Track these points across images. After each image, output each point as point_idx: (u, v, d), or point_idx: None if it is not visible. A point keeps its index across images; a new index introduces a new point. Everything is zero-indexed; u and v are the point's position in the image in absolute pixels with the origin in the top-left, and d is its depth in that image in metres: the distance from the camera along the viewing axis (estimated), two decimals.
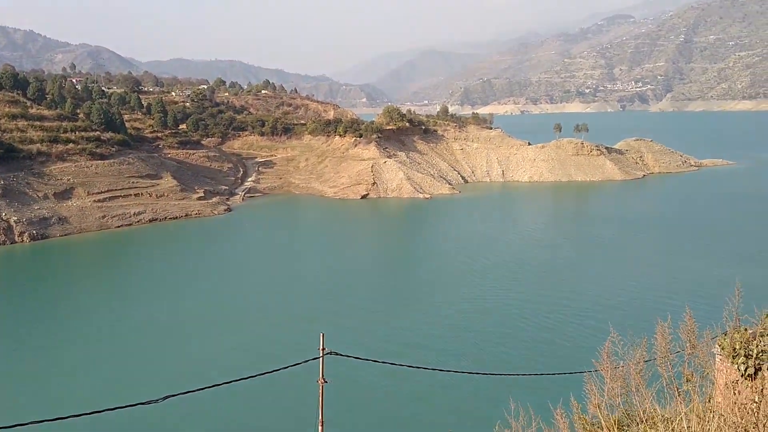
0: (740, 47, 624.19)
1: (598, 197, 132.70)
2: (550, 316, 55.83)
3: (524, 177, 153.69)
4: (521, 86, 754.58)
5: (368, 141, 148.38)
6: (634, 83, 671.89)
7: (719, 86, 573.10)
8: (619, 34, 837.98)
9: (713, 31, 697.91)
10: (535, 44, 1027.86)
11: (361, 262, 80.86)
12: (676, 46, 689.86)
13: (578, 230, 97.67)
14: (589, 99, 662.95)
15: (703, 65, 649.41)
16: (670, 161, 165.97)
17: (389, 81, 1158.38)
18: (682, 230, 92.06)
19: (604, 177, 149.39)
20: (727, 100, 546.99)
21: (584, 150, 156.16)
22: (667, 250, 79.56)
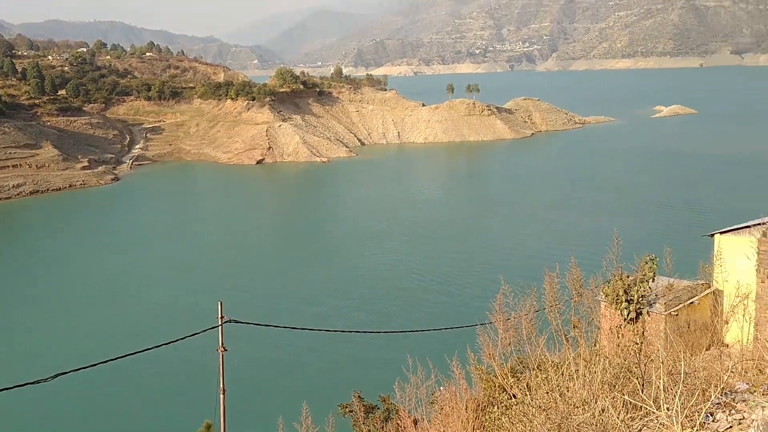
0: (619, 7, 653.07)
1: (490, 156, 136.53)
2: (447, 273, 57.34)
3: (419, 138, 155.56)
4: (414, 47, 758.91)
5: (261, 104, 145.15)
6: (521, 43, 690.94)
7: (600, 45, 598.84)
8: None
9: None
10: (426, 4, 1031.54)
11: (260, 229, 79.73)
12: (560, 7, 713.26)
13: (472, 188, 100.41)
14: (480, 59, 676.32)
15: (586, 25, 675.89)
16: (556, 119, 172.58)
17: (281, 42, 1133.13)
18: (568, 185, 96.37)
19: (495, 136, 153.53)
20: (608, 59, 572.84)
21: (476, 110, 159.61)
22: (554, 205, 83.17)
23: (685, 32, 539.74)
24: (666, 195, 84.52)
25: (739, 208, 33.88)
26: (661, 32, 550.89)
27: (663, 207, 77.69)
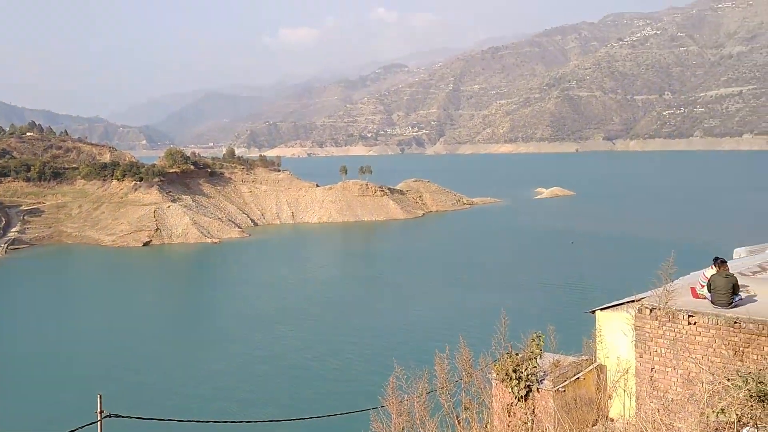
0: (501, 96, 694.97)
1: (384, 235, 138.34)
2: (340, 356, 56.48)
3: (314, 218, 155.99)
4: (307, 129, 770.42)
5: (150, 185, 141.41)
6: (411, 128, 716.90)
7: (485, 131, 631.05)
8: (396, 82, 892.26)
9: (477, 81, 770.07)
10: (318, 89, 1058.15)
11: (145, 315, 75.92)
12: (446, 95, 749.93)
13: (366, 268, 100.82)
14: (372, 142, 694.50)
15: (470, 112, 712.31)
16: (445, 200, 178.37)
17: (172, 123, 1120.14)
18: (457, 264, 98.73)
19: (388, 216, 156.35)
20: (492, 144, 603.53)
21: (369, 191, 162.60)
22: (444, 284, 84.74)
23: (561, 120, 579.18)
24: (549, 273, 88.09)
25: (617, 284, 35.78)
26: (539, 119, 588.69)
27: (546, 285, 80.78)
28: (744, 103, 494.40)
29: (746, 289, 13.74)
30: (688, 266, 18.72)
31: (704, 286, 13.44)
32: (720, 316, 12.36)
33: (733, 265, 16.73)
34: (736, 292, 13.10)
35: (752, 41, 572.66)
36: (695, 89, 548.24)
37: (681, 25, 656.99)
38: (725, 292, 12.87)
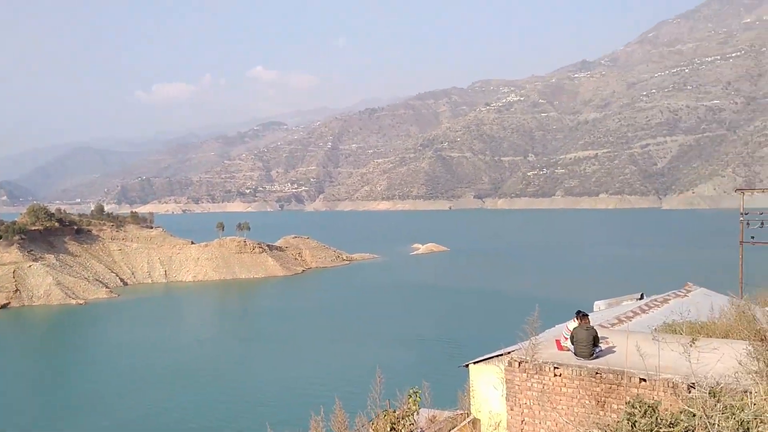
0: (378, 155, 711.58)
1: (262, 293, 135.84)
2: (213, 422, 54.15)
3: (188, 276, 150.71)
4: (182, 185, 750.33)
5: (9, 243, 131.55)
6: (290, 185, 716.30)
7: (363, 188, 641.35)
8: (275, 140, 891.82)
9: (355, 140, 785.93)
10: (195, 145, 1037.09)
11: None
12: (325, 153, 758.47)
13: (242, 327, 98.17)
14: (250, 199, 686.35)
15: (349, 170, 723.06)
16: (325, 256, 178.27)
17: (35, 178, 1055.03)
18: (334, 320, 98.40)
19: (267, 273, 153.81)
20: (370, 201, 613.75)
21: (247, 248, 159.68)
22: (321, 341, 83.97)
23: (435, 179, 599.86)
24: (424, 327, 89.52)
25: (488, 338, 36.80)
26: (414, 178, 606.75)
27: (422, 339, 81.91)
28: (599, 165, 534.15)
29: (605, 341, 14.65)
30: (554, 319, 19.70)
31: (567, 338, 14.21)
32: (583, 368, 13.08)
33: (593, 318, 17.81)
34: (597, 344, 13.94)
35: (605, 108, 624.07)
36: (556, 152, 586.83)
37: (542, 92, 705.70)
38: (587, 344, 13.66)
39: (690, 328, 17.56)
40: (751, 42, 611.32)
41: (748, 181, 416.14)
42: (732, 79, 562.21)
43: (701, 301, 23.55)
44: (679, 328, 16.46)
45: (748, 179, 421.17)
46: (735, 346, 13.44)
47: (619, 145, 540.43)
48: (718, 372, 11.80)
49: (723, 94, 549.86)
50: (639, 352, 12.44)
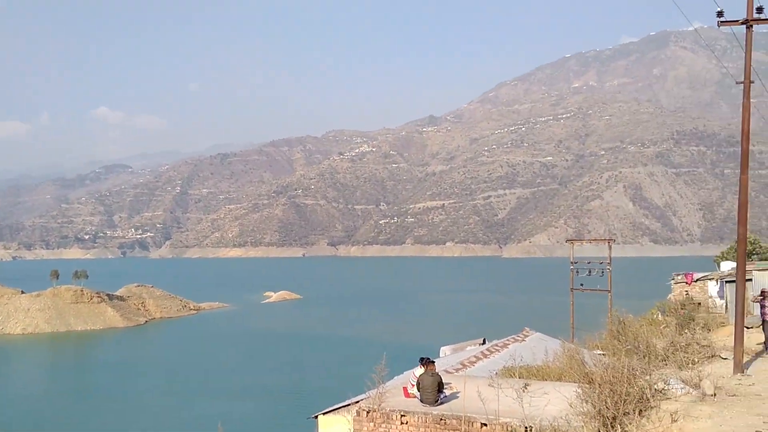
0: (229, 201, 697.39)
1: (99, 346, 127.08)
2: None
3: (17, 329, 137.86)
4: (13, 230, 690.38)
5: None
6: (134, 230, 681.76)
7: (213, 235, 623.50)
8: (118, 183, 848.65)
9: (206, 185, 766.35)
10: (29, 187, 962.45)
11: None
12: (173, 197, 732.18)
13: (75, 382, 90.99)
14: (89, 245, 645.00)
15: (198, 215, 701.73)
16: (171, 306, 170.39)
17: None
18: (178, 372, 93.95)
19: (106, 324, 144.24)
20: (221, 248, 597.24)
21: (84, 297, 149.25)
22: (163, 393, 79.73)
23: (288, 225, 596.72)
24: (273, 378, 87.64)
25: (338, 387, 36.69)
26: (267, 225, 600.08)
27: (269, 391, 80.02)
28: (446, 215, 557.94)
29: (450, 386, 15.13)
30: (403, 365, 20.08)
31: (414, 385, 14.53)
32: (428, 414, 13.40)
33: (439, 363, 18.34)
34: (442, 390, 14.36)
35: (451, 161, 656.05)
36: (406, 201, 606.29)
37: (393, 144, 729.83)
38: (432, 391, 14.04)
39: (527, 372, 18.58)
40: (579, 105, 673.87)
41: (577, 231, 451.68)
42: (563, 138, 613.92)
43: (537, 346, 25.00)
44: (517, 372, 17.35)
45: (577, 230, 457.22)
46: (566, 388, 14.37)
47: (464, 196, 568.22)
48: (551, 414, 12.55)
49: (555, 151, 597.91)
50: (480, 397, 12.97)
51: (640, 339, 20.88)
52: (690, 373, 15.80)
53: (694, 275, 45.41)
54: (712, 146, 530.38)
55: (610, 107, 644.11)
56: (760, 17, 20.04)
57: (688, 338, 21.61)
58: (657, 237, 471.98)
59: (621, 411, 12.16)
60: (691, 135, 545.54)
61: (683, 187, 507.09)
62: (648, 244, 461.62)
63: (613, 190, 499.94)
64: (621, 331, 23.51)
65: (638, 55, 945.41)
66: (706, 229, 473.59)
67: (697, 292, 43.87)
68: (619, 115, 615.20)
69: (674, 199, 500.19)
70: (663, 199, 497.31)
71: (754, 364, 20.36)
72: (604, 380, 12.65)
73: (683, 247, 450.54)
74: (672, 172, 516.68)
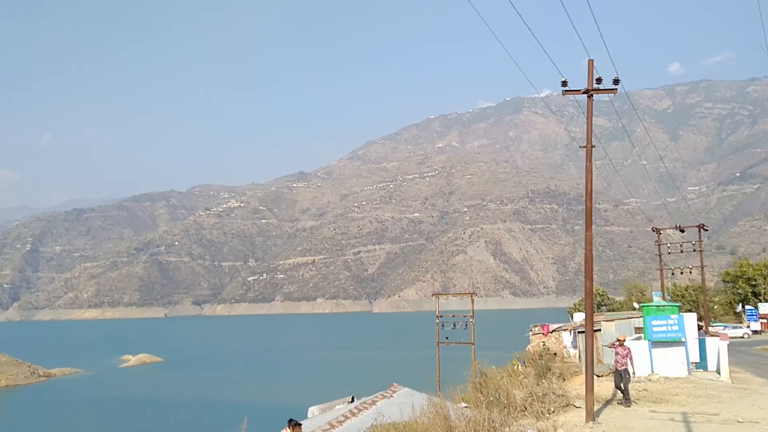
0: (85, 258, 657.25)
1: None
2: None
3: None
4: None
5: None
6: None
7: (67, 295, 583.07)
8: None
9: (59, 242, 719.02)
10: None
11: None
12: (23, 255, 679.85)
13: None
14: None
15: (51, 275, 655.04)
16: (18, 373, 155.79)
17: None
18: None
19: None
20: (75, 309, 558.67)
21: None
22: None
23: (150, 284, 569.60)
24: None
25: None
26: (127, 284, 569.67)
27: None
28: (317, 270, 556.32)
29: None
30: (270, 428, 19.51)
31: None
32: None
33: (307, 424, 18.02)
34: None
35: (321, 217, 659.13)
36: (276, 257, 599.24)
37: (262, 199, 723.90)
38: None
39: (394, 429, 18.64)
40: (443, 164, 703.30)
41: (444, 285, 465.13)
42: (429, 195, 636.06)
43: (405, 401, 25.17)
44: (385, 430, 17.36)
45: (444, 284, 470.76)
46: None
47: (335, 252, 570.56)
48: None
49: (422, 208, 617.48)
50: None
51: (501, 390, 21.62)
52: (546, 423, 16.52)
53: (549, 326, 47.94)
54: (563, 204, 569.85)
55: (471, 167, 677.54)
56: (599, 87, 22.11)
57: (545, 388, 22.63)
58: (516, 290, 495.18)
59: None
60: (544, 194, 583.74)
61: (539, 242, 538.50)
62: (508, 297, 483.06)
63: (475, 245, 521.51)
64: (483, 383, 24.24)
65: (495, 118, 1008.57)
66: (560, 281, 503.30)
67: (553, 343, 46.27)
68: (479, 174, 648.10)
69: (531, 253, 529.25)
70: (521, 253, 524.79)
71: (604, 411, 21.60)
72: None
73: (540, 299, 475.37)
74: (528, 228, 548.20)
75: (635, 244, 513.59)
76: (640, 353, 31.79)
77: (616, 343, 24.47)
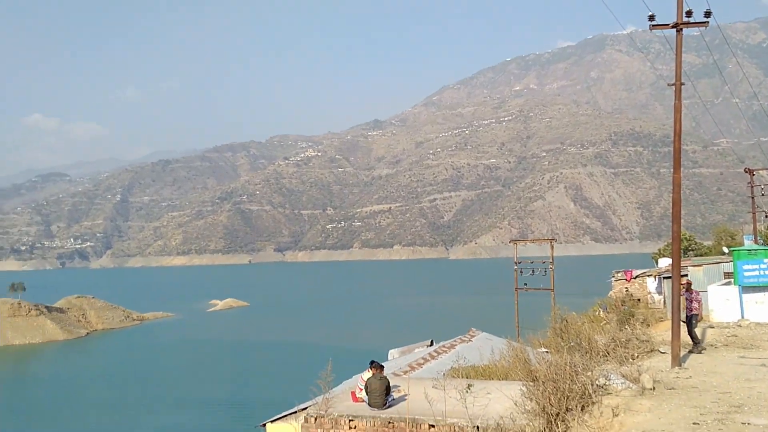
0: (172, 208, 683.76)
1: (38, 360, 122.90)
2: None
3: None
4: None
5: None
6: (73, 240, 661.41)
7: (156, 243, 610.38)
8: (56, 192, 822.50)
9: (147, 192, 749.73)
10: None
11: None
12: (113, 206, 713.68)
13: (10, 397, 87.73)
14: (26, 256, 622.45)
15: (140, 224, 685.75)
16: (113, 317, 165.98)
17: None
18: (119, 384, 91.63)
19: (45, 338, 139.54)
20: (164, 256, 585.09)
21: (22, 310, 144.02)
22: (102, 407, 77.60)
23: (234, 232, 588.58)
24: (218, 387, 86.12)
25: (286, 394, 36.13)
26: (212, 232, 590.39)
27: (214, 401, 78.52)
28: (393, 218, 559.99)
29: (398, 389, 15.16)
30: (351, 370, 20.02)
31: (362, 389, 14.51)
32: (376, 418, 13.40)
33: (388, 366, 18.35)
34: (389, 393, 14.37)
35: (397, 165, 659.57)
36: (353, 205, 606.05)
37: (338, 148, 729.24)
38: (380, 394, 14.03)
39: (474, 372, 18.78)
40: (520, 107, 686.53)
41: (521, 232, 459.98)
42: (505, 140, 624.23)
43: (483, 345, 25.31)
44: (464, 372, 17.51)
45: (521, 231, 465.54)
46: (511, 387, 14.58)
47: (410, 200, 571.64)
48: (498, 412, 12.70)
49: (498, 153, 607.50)
50: (427, 399, 13.04)
51: (582, 336, 21.36)
52: (630, 368, 16.23)
53: (633, 272, 46.76)
54: (648, 146, 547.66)
55: (550, 110, 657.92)
56: (690, 21, 20.77)
57: (628, 334, 22.20)
58: (597, 235, 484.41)
59: (564, 407, 12.39)
60: (628, 136, 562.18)
61: (621, 186, 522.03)
62: (589, 243, 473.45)
63: (554, 191, 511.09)
64: (564, 328, 24.00)
65: (576, 58, 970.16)
66: (644, 227, 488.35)
67: (636, 289, 45.19)
68: (558, 117, 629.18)
69: (613, 198, 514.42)
70: (602, 198, 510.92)
71: (690, 357, 21.07)
72: (548, 377, 12.86)
73: (623, 245, 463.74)
74: (610, 172, 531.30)
75: (725, 186, 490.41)
76: (730, 298, 30.84)
77: (684, 290, 23.15)
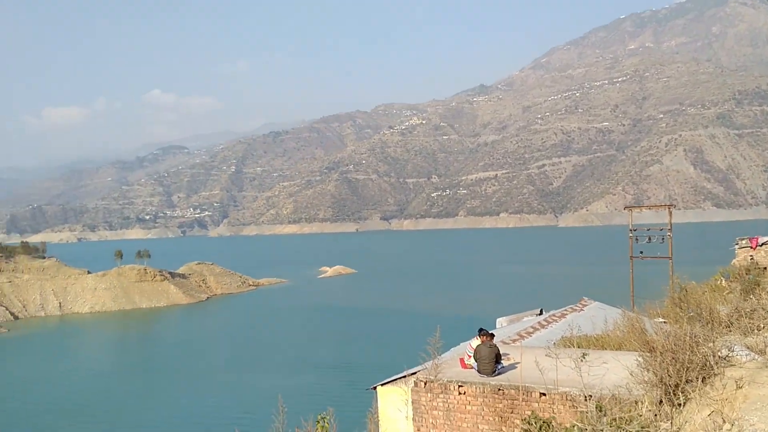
0: (283, 178, 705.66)
1: (164, 323, 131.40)
2: None
3: (85, 308, 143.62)
4: (77, 213, 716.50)
5: None
6: (192, 210, 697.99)
7: (268, 212, 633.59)
8: (175, 164, 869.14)
9: (260, 163, 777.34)
10: (90, 170, 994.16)
11: None
12: (229, 176, 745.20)
13: (143, 358, 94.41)
14: (150, 225, 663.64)
15: (254, 193, 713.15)
16: (231, 282, 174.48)
17: None
18: (239, 347, 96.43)
19: (169, 302, 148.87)
20: (276, 225, 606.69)
21: (148, 276, 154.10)
22: (225, 368, 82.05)
23: (341, 201, 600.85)
24: (330, 352, 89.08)
25: (395, 359, 36.76)
26: (321, 201, 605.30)
27: (326, 364, 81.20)
28: (499, 185, 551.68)
29: (507, 357, 15.04)
30: (459, 337, 20.04)
31: (471, 356, 14.49)
32: (486, 385, 13.36)
33: (496, 334, 18.23)
34: (499, 361, 14.27)
35: (503, 131, 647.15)
36: (458, 173, 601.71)
37: (443, 115, 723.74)
38: (489, 361, 13.96)
39: (586, 342, 18.33)
40: (635, 67, 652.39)
41: (636, 198, 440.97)
42: (619, 102, 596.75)
43: (596, 315, 24.60)
44: (576, 341, 17.14)
45: (636, 197, 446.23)
46: (627, 357, 14.12)
47: (517, 166, 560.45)
48: (613, 383, 12.35)
49: (611, 116, 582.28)
50: (538, 367, 12.85)
51: (703, 306, 20.30)
52: (755, 339, 15.30)
53: (759, 239, 43.81)
54: None
55: (667, 69, 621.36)
56: None
57: (753, 304, 20.89)
58: (720, 201, 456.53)
59: (684, 379, 11.87)
60: (753, 94, 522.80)
61: (746, 148, 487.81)
62: (710, 209, 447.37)
63: (672, 155, 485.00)
64: (683, 298, 22.91)
65: (696, 13, 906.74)
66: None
67: (762, 257, 42.38)
68: (677, 77, 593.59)
69: (737, 161, 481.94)
70: (725, 161, 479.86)
71: None
72: (666, 348, 12.35)
73: (747, 210, 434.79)
74: (734, 133, 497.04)
75: None
76: None
77: None
